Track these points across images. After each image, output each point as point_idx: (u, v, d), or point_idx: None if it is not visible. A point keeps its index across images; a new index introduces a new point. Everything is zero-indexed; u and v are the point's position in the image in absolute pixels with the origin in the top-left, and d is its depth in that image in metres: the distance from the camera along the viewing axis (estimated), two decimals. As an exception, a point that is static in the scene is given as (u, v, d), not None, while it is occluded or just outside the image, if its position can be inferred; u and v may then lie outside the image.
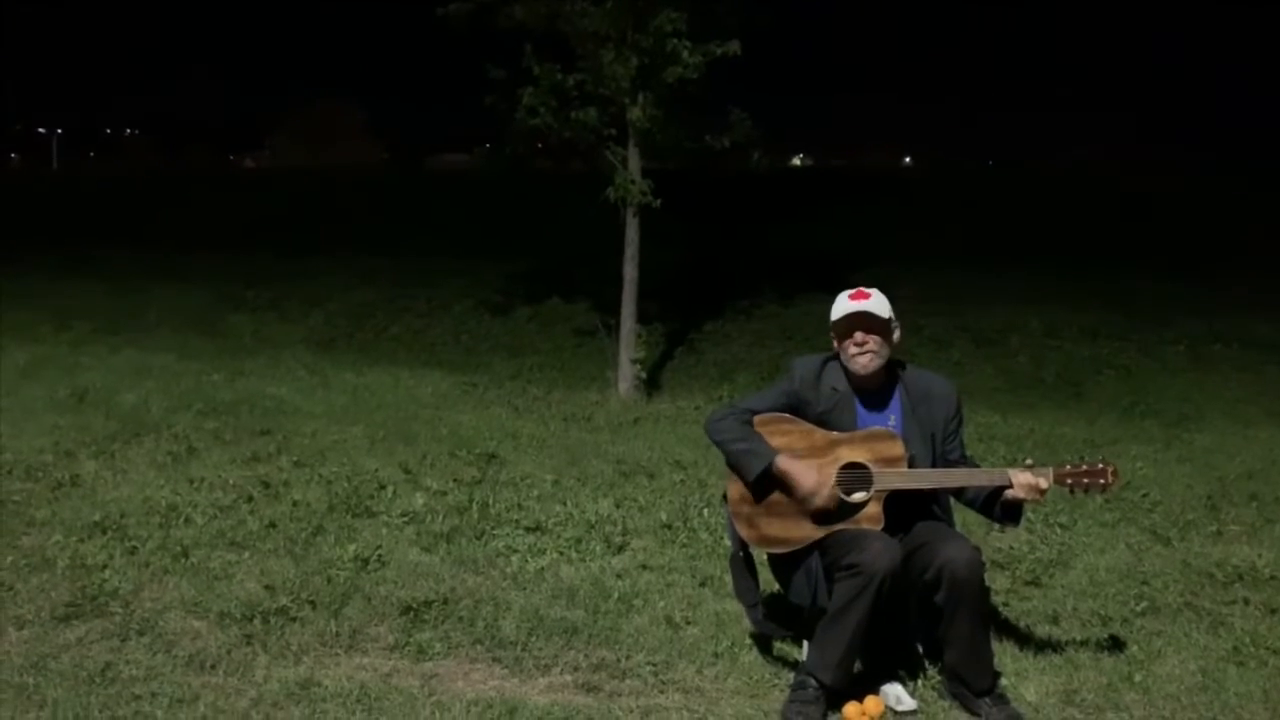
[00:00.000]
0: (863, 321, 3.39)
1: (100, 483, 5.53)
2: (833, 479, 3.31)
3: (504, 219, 16.29)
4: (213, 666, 3.47)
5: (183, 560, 4.39)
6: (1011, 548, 4.85)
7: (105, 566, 4.28)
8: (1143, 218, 15.10)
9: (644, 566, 4.53)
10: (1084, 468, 3.31)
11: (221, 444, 6.45)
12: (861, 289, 3.49)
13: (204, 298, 12.79)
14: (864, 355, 3.40)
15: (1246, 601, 4.26)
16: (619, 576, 4.38)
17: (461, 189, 20.27)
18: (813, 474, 3.31)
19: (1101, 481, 3.29)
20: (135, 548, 4.50)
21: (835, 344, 3.48)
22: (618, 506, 5.39)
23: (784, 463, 3.33)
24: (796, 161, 45.14)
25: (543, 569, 4.45)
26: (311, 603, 3.98)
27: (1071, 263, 12.99)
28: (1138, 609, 4.16)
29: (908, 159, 50.27)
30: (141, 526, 4.79)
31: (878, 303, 3.43)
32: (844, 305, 3.44)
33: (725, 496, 3.54)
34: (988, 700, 3.22)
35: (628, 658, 3.63)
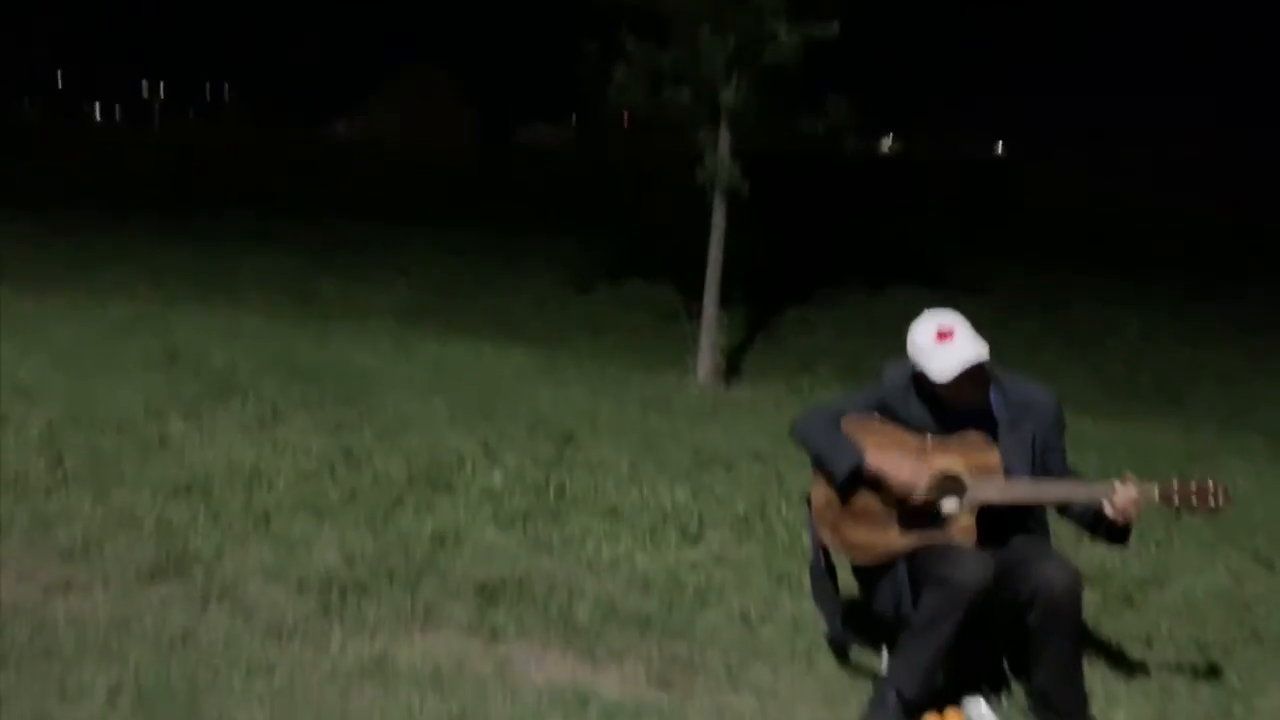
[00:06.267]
0: (973, 375, 3.13)
1: (188, 442, 5.62)
2: (928, 473, 3.16)
3: (590, 195, 16.32)
4: (289, 637, 3.48)
5: (264, 526, 4.44)
6: (1104, 563, 4.66)
7: (189, 528, 4.35)
8: (1245, 215, 14.49)
9: (719, 560, 4.46)
10: (1193, 487, 3.10)
11: (306, 409, 6.53)
12: (942, 324, 3.13)
13: (295, 262, 13.03)
14: (966, 401, 3.20)
15: (1357, 635, 4.04)
16: (694, 568, 4.32)
17: (549, 164, 20.34)
18: (908, 466, 3.15)
19: (1211, 504, 3.11)
20: (219, 511, 4.56)
21: (931, 386, 3.19)
22: (694, 496, 5.32)
23: (875, 458, 3.18)
24: (886, 144, 44.22)
25: (618, 556, 4.41)
26: (388, 577, 3.99)
27: (1172, 263, 12.53)
28: (1239, 636, 3.97)
29: (999, 147, 48.82)
30: (226, 489, 4.85)
31: (973, 340, 3.12)
32: (946, 361, 3.09)
33: (808, 501, 3.43)
34: (1077, 726, 3.09)
35: (701, 654, 3.57)
